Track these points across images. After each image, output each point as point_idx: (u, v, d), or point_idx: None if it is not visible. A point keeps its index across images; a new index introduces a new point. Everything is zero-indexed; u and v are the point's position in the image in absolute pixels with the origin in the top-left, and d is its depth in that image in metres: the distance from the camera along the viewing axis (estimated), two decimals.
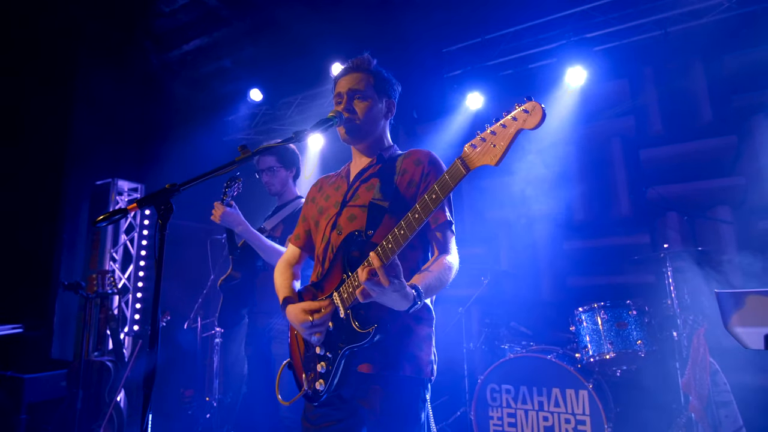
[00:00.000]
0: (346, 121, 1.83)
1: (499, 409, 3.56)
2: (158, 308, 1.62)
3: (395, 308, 1.52)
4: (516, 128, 1.33)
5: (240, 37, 5.80)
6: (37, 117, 5.47)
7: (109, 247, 5.36)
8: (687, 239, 4.31)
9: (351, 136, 1.86)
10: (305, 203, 2.08)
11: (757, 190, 4.05)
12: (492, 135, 1.36)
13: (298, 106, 6.40)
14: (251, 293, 3.04)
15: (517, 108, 1.34)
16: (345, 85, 1.87)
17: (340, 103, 1.87)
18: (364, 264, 1.48)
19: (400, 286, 1.44)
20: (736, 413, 2.80)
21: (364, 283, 1.41)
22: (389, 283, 1.40)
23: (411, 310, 1.51)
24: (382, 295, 1.44)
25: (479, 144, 1.39)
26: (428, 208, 1.44)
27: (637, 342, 3.28)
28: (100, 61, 5.63)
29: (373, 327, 1.55)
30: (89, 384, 3.54)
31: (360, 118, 1.85)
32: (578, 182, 4.86)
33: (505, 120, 1.36)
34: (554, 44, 4.84)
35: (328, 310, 1.64)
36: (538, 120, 1.29)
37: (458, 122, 5.35)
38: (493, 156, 1.35)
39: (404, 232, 1.46)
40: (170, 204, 1.60)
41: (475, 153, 1.39)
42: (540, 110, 1.29)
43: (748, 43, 4.18)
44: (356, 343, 1.58)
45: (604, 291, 4.52)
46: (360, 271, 1.46)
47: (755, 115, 4.17)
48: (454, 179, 1.41)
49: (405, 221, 1.48)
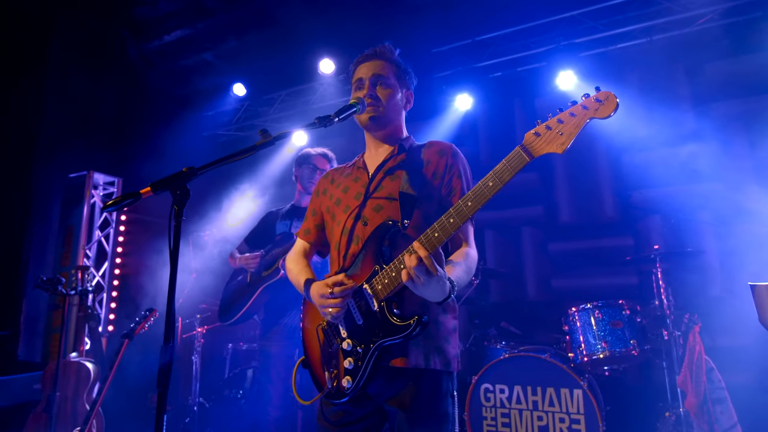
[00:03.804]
0: (369, 107, 1.78)
1: (493, 409, 3.54)
2: (173, 300, 1.53)
3: (431, 299, 1.49)
4: (587, 117, 1.34)
5: (224, 29, 5.64)
6: (5, 107, 5.17)
7: (83, 244, 5.11)
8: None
9: (373, 122, 1.81)
10: (315, 196, 2.01)
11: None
12: (559, 123, 1.37)
13: (282, 102, 6.28)
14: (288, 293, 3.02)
15: (585, 98, 1.36)
16: (367, 71, 1.82)
17: (361, 89, 1.81)
18: (410, 250, 1.44)
19: (444, 276, 1.41)
20: (730, 410, 2.87)
21: (414, 269, 1.38)
22: (437, 273, 1.37)
23: (444, 302, 1.50)
24: (428, 283, 1.41)
25: (543, 132, 1.38)
26: (484, 196, 1.42)
27: (631, 341, 3.32)
28: (75, 50, 5.37)
29: (414, 319, 1.50)
30: (66, 386, 3.33)
31: (383, 105, 1.81)
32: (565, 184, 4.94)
33: (574, 109, 1.36)
34: (543, 48, 4.91)
35: (351, 285, 1.58)
36: (612, 110, 1.31)
37: (447, 122, 5.36)
38: (560, 144, 1.36)
39: (454, 221, 1.44)
40: (187, 189, 1.51)
41: (540, 141, 1.38)
42: (614, 100, 1.31)
43: (730, 52, 4.34)
44: (395, 335, 1.53)
45: (590, 292, 4.59)
46: (408, 257, 1.42)
47: None
48: (515, 167, 1.39)
49: (455, 210, 1.45)
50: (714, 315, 3.61)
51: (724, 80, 4.41)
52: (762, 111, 4.27)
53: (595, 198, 4.84)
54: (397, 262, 1.53)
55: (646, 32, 4.59)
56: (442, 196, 1.75)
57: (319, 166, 3.26)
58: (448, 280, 1.48)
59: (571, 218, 4.92)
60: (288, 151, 6.16)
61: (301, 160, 3.35)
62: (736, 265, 4.03)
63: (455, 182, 1.76)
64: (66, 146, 5.17)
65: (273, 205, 3.67)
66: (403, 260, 1.46)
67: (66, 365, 3.41)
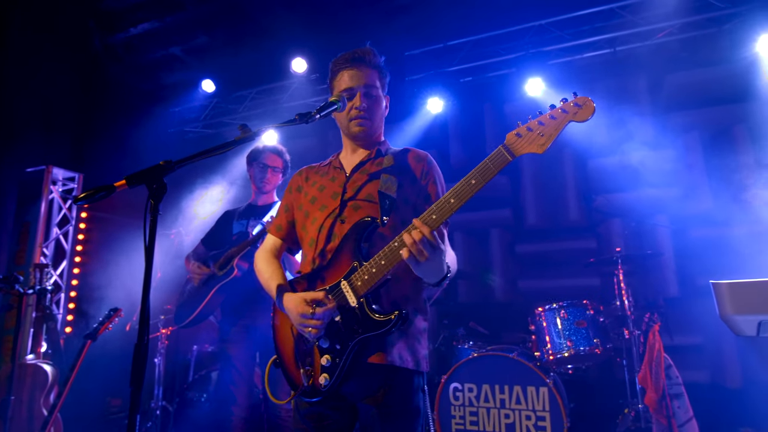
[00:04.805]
0: (360, 119, 1.82)
1: (462, 408, 3.59)
2: (148, 297, 1.49)
3: (429, 278, 1.54)
4: (567, 119, 1.42)
5: (194, 24, 5.52)
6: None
7: (40, 242, 4.88)
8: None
9: (363, 135, 1.86)
10: (288, 193, 2.00)
11: None
12: (540, 125, 1.44)
13: (252, 100, 6.20)
14: (246, 291, 2.95)
15: (564, 102, 1.44)
16: (358, 80, 1.82)
17: (350, 99, 1.82)
18: (411, 228, 1.48)
19: (445, 251, 1.49)
20: (687, 405, 3.02)
21: (420, 242, 1.42)
22: (440, 246, 1.44)
23: (442, 283, 1.56)
24: (432, 257, 1.45)
25: (525, 133, 1.45)
26: (467, 194, 1.47)
27: (595, 340, 3.44)
28: (36, 39, 5.14)
29: (395, 313, 1.53)
30: (21, 390, 3.17)
31: (374, 117, 1.86)
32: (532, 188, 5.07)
33: (553, 112, 1.44)
34: (513, 55, 5.03)
35: (332, 305, 1.59)
36: (590, 114, 1.40)
37: (418, 125, 5.42)
38: (540, 145, 1.43)
39: (436, 217, 1.48)
40: (164, 183, 1.48)
41: (521, 141, 1.45)
42: (592, 105, 1.40)
43: (687, 65, 4.56)
44: (375, 331, 1.54)
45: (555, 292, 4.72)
46: (407, 234, 1.45)
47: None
48: (498, 166, 1.45)
49: (437, 206, 1.48)
50: (672, 315, 3.78)
51: (681, 91, 4.64)
52: (716, 121, 4.51)
53: (560, 202, 4.99)
54: (377, 258, 1.55)
55: (610, 43, 4.77)
56: (417, 201, 1.79)
57: (269, 163, 3.18)
58: (445, 261, 1.54)
59: (538, 221, 5.05)
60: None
61: (251, 158, 3.26)
62: (692, 267, 4.24)
63: (431, 188, 1.82)
64: (23, 139, 4.93)
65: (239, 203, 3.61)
66: (395, 249, 1.50)
67: (22, 368, 3.25)
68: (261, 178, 3.16)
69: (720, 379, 4.07)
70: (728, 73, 4.37)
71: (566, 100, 1.43)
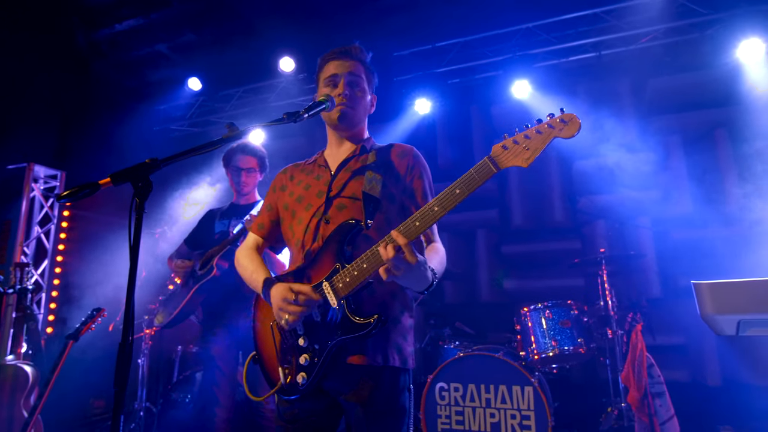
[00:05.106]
0: (341, 105, 1.79)
1: (448, 407, 3.61)
2: (133, 297, 1.47)
3: (414, 288, 1.54)
4: (553, 135, 1.43)
5: (180, 21, 5.45)
6: None
7: (21, 240, 4.79)
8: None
9: (342, 121, 1.82)
10: (272, 191, 1.98)
11: None
12: (526, 139, 1.45)
13: (239, 99, 6.16)
14: (228, 289, 2.92)
15: (551, 118, 1.44)
16: (342, 68, 1.82)
17: (334, 86, 1.82)
18: (386, 240, 1.47)
19: (424, 262, 1.47)
20: (668, 403, 3.08)
21: (392, 260, 1.40)
22: (416, 260, 1.41)
23: (428, 290, 1.55)
24: (409, 272, 1.44)
25: (511, 146, 1.46)
26: (451, 203, 1.47)
27: (579, 340, 3.48)
28: (18, 33, 5.04)
29: (374, 317, 1.52)
30: (1, 391, 3.11)
31: (356, 106, 1.84)
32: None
33: (540, 126, 1.44)
34: (500, 57, 5.07)
35: (316, 298, 1.58)
36: (575, 131, 1.41)
37: (406, 125, 5.43)
38: (525, 159, 1.44)
39: (419, 224, 1.47)
40: (149, 181, 1.46)
41: (507, 154, 1.47)
42: (578, 123, 1.41)
43: (670, 70, 4.64)
44: (354, 333, 1.54)
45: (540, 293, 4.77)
46: (383, 248, 1.44)
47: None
48: (483, 177, 1.46)
49: (421, 214, 1.48)
50: (654, 315, 3.85)
51: (664, 95, 4.72)
52: (697, 125, 4.59)
53: (546, 203, 5.05)
54: (359, 261, 1.54)
55: (596, 47, 4.84)
56: (403, 198, 1.79)
57: (242, 166, 3.14)
58: (430, 269, 1.53)
59: (524, 222, 5.09)
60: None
61: (225, 161, 3.21)
62: (674, 268, 4.32)
63: (416, 183, 1.81)
64: (4, 136, 4.83)
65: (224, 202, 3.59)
66: (378, 253, 1.48)
67: (1, 369, 3.18)
68: (237, 181, 3.14)
69: (700, 378, 4.15)
70: (710, 77, 4.46)
71: (553, 116, 1.43)
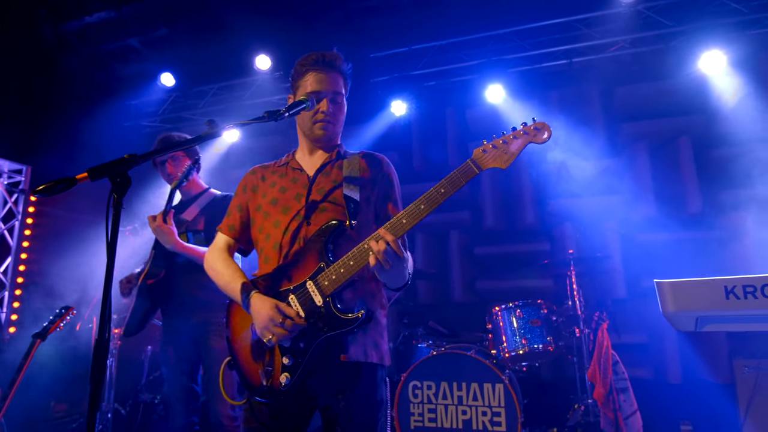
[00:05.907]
0: (324, 123, 1.85)
1: (421, 405, 3.66)
2: (109, 294, 1.47)
3: (393, 284, 1.67)
4: (528, 140, 1.63)
5: (153, 14, 5.34)
6: None
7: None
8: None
9: (326, 139, 1.89)
10: (242, 192, 1.95)
11: None
12: (504, 144, 1.64)
13: (213, 96, 6.08)
14: (173, 290, 2.83)
15: (525, 126, 1.64)
16: (327, 85, 1.84)
17: (317, 101, 1.84)
18: (376, 236, 1.57)
19: (408, 259, 1.61)
20: (632, 398, 3.20)
21: (384, 252, 1.52)
22: (404, 255, 1.55)
23: (403, 288, 1.69)
24: (397, 265, 1.56)
25: (490, 150, 1.65)
26: (436, 201, 1.61)
27: (548, 338, 3.59)
28: None
29: (361, 312, 1.58)
30: None
31: (337, 122, 1.91)
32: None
33: (516, 133, 1.64)
34: (475, 61, 5.17)
35: (301, 323, 1.61)
36: (546, 137, 1.62)
37: (380, 126, 5.47)
38: (504, 161, 1.63)
39: (406, 222, 1.57)
40: (128, 176, 1.46)
41: (487, 157, 1.64)
42: (549, 129, 1.62)
43: (637, 79, 4.81)
44: (340, 329, 1.58)
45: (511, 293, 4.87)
46: (375, 242, 1.54)
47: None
48: (466, 177, 1.62)
49: (407, 212, 1.59)
50: (619, 314, 4.00)
51: (631, 103, 4.89)
52: (662, 132, 4.78)
53: (517, 205, 5.16)
54: (346, 258, 1.60)
55: (567, 54, 4.98)
56: (377, 203, 1.86)
57: (155, 163, 3.00)
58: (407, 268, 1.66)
59: (496, 224, 5.19)
60: (215, 150, 5.97)
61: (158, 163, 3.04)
62: (638, 270, 4.49)
63: (389, 189, 1.89)
64: None
65: None
66: (365, 251, 1.57)
67: None
68: (167, 177, 2.99)
69: (662, 375, 4.32)
70: (674, 87, 4.65)
71: (527, 124, 1.63)
